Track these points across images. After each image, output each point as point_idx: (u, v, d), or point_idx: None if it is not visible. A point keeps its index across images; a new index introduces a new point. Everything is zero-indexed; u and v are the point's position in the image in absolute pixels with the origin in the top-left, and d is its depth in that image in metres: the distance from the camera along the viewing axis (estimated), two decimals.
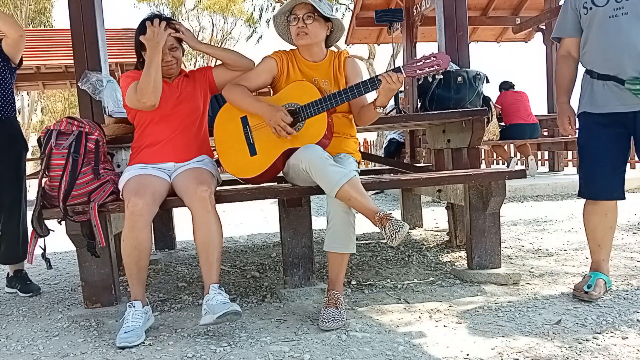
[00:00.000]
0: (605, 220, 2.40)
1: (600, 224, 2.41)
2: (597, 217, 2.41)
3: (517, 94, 7.27)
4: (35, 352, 2.06)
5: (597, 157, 2.36)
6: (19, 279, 2.97)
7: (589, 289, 2.30)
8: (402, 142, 7.46)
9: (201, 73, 2.57)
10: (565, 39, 2.45)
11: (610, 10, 2.24)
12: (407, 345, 1.93)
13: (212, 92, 2.59)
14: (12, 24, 2.81)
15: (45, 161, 2.38)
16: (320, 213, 5.51)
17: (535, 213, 4.96)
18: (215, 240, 2.19)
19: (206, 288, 2.16)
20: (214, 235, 2.19)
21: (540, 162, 9.69)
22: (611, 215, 2.40)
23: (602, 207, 2.39)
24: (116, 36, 10.32)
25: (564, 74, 2.48)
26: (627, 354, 1.78)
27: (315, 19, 2.39)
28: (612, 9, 2.23)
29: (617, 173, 2.34)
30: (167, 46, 2.38)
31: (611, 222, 2.41)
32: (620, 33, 2.21)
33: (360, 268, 3.07)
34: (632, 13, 2.20)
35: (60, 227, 2.41)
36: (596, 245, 2.44)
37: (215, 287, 2.14)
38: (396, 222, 2.02)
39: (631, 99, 2.24)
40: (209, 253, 2.19)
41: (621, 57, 2.22)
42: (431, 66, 2.21)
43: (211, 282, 2.16)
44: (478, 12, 9.15)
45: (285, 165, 2.38)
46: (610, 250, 2.47)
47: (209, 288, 2.14)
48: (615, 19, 2.23)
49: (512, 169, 6.43)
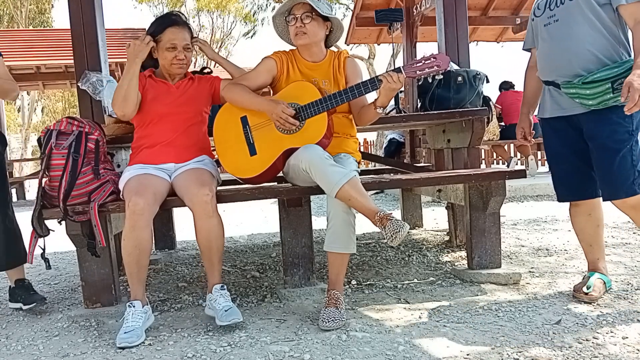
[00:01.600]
0: (590, 220, 2.40)
1: (586, 224, 2.42)
2: (582, 218, 2.42)
3: (517, 94, 7.28)
4: (35, 352, 2.06)
5: (555, 160, 2.43)
6: (22, 288, 2.62)
7: (588, 290, 2.30)
8: (402, 142, 7.46)
9: (208, 81, 2.58)
10: (532, 50, 2.52)
11: (545, 19, 2.32)
12: (407, 345, 1.93)
13: (215, 102, 2.60)
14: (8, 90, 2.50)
15: (45, 161, 2.38)
16: (320, 213, 5.51)
17: (535, 213, 4.96)
18: (218, 242, 2.25)
19: (210, 287, 2.27)
20: (216, 237, 2.24)
21: (540, 162, 9.70)
22: (595, 214, 2.39)
23: (583, 207, 2.39)
24: (116, 36, 10.33)
25: (528, 85, 2.57)
26: (627, 354, 1.78)
27: (314, 19, 2.39)
28: (547, 17, 2.31)
29: (583, 173, 2.33)
30: (182, 45, 2.43)
31: (597, 220, 2.41)
32: (553, 40, 2.28)
33: (360, 268, 3.07)
34: (561, 20, 2.25)
35: (60, 227, 2.41)
36: (588, 246, 2.45)
37: (217, 288, 2.24)
38: (396, 222, 2.02)
39: (569, 103, 2.27)
40: (212, 254, 2.26)
41: (555, 63, 2.28)
42: (431, 67, 2.21)
43: (214, 283, 2.26)
44: (478, 12, 9.14)
45: (285, 165, 2.38)
46: (603, 249, 2.47)
47: (212, 288, 2.26)
48: (548, 27, 2.30)
49: (512, 168, 6.43)
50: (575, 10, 2.21)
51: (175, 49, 2.41)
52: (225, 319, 2.11)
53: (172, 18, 2.47)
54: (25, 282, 2.65)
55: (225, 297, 2.22)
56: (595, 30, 2.18)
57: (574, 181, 2.37)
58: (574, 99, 2.22)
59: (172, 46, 2.41)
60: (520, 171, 2.73)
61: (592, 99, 2.15)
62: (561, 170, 2.41)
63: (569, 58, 2.22)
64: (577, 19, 2.20)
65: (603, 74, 2.12)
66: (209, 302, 2.25)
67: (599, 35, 2.18)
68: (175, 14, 2.52)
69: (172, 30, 2.41)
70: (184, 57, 2.44)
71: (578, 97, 2.20)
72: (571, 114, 2.28)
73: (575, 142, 2.32)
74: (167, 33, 2.41)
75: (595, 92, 2.13)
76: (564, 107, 2.30)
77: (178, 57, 2.42)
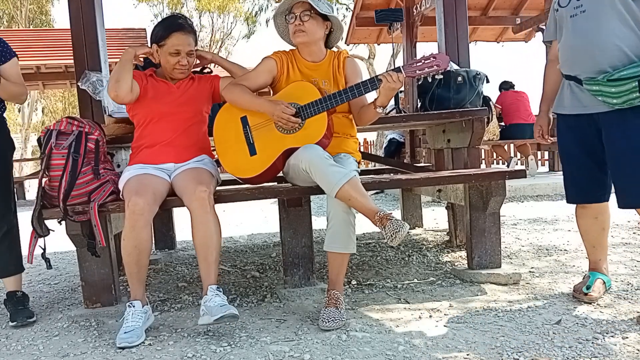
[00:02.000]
0: (596, 223, 2.36)
1: (592, 227, 2.37)
2: (588, 220, 2.37)
3: (517, 94, 7.28)
4: (35, 352, 2.06)
5: (567, 159, 2.35)
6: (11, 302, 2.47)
7: (588, 290, 2.29)
8: (402, 142, 7.46)
9: (208, 80, 2.59)
10: (553, 42, 2.40)
11: (571, 10, 2.19)
12: (407, 345, 1.93)
13: (215, 100, 2.60)
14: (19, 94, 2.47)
15: (45, 161, 2.38)
16: (320, 213, 5.51)
17: (535, 213, 4.96)
18: (214, 240, 2.19)
19: (205, 289, 2.15)
20: (212, 235, 2.19)
21: (540, 162, 9.71)
22: (602, 217, 2.35)
23: (590, 210, 2.34)
24: (116, 36, 10.34)
25: (548, 80, 2.46)
26: (627, 354, 1.78)
27: (312, 17, 2.39)
28: (573, 8, 2.18)
29: (594, 176, 2.26)
30: (186, 51, 2.43)
31: (602, 224, 2.36)
32: (579, 32, 2.15)
33: (360, 268, 3.07)
34: (589, 11, 2.12)
35: (60, 227, 2.41)
36: (591, 247, 2.43)
37: (213, 289, 2.13)
38: (396, 222, 2.02)
39: (591, 101, 2.15)
40: (208, 253, 2.18)
41: (579, 57, 2.16)
42: (430, 66, 2.21)
43: (209, 283, 2.15)
44: (478, 12, 9.15)
45: (285, 165, 2.38)
46: (606, 250, 2.46)
47: (207, 289, 2.14)
48: (575, 18, 2.17)
49: (512, 168, 6.43)
50: (605, 2, 2.08)
51: (179, 55, 2.41)
52: (221, 310, 2.01)
53: (179, 22, 2.44)
54: (18, 295, 2.50)
55: (221, 297, 2.10)
56: (626, 25, 2.05)
57: (584, 183, 2.29)
58: (596, 96, 2.11)
59: (176, 51, 2.41)
60: (520, 171, 2.73)
61: (617, 97, 2.04)
62: (572, 171, 2.33)
63: (594, 53, 2.09)
64: (606, 11, 2.07)
65: (630, 71, 1.99)
66: (204, 304, 2.08)
67: (629, 31, 2.05)
68: (182, 18, 2.49)
69: (177, 35, 2.40)
70: (186, 63, 2.44)
71: (601, 95, 2.08)
72: (592, 112, 2.17)
73: (590, 143, 2.23)
74: (173, 38, 2.40)
75: (620, 90, 2.02)
76: (585, 105, 2.18)
77: (181, 62, 2.42)
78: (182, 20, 2.47)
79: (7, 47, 2.47)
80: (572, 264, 2.98)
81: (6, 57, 2.44)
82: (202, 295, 2.15)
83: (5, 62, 2.43)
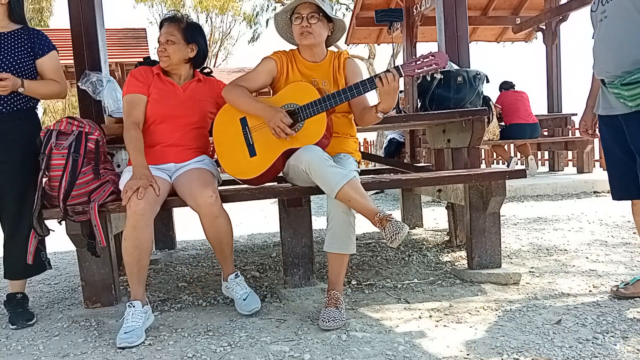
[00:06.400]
0: None
1: None
2: None
3: (517, 94, 7.27)
4: (35, 352, 2.06)
5: (608, 157, 2.40)
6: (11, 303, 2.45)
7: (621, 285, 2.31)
8: (402, 142, 7.46)
9: (213, 87, 2.61)
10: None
11: (599, 15, 2.27)
12: (407, 345, 1.93)
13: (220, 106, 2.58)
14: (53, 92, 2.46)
15: (45, 161, 2.38)
16: (320, 213, 5.52)
17: (535, 213, 4.96)
18: (227, 237, 2.35)
19: (224, 277, 2.44)
20: (225, 234, 2.33)
21: (540, 162, 9.69)
22: None
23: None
24: (116, 36, 10.35)
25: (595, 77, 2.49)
26: (627, 354, 1.78)
27: (319, 19, 2.39)
28: (600, 13, 2.26)
29: (634, 172, 2.28)
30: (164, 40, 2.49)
31: None
32: (602, 37, 2.24)
33: (360, 268, 3.07)
34: (610, 17, 2.21)
35: (60, 227, 2.41)
36: None
37: (232, 277, 2.41)
38: (396, 223, 2.02)
39: (616, 103, 2.24)
40: (223, 248, 2.38)
41: (602, 61, 2.24)
42: (429, 65, 2.21)
43: (228, 273, 2.43)
44: (478, 12, 9.16)
45: (285, 166, 2.38)
46: None
47: (227, 277, 2.43)
48: (601, 23, 2.26)
49: (512, 168, 6.43)
50: (622, 8, 2.15)
51: (161, 44, 2.49)
52: (246, 308, 2.31)
53: (165, 16, 2.58)
54: (18, 297, 2.47)
55: (241, 285, 2.40)
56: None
57: (625, 180, 2.33)
58: (618, 99, 2.20)
59: (159, 41, 2.51)
60: (520, 171, 2.73)
61: (632, 100, 2.12)
62: (613, 168, 2.38)
63: (612, 57, 2.18)
64: (622, 17, 2.15)
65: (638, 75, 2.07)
66: (224, 288, 2.47)
67: None
68: (170, 12, 2.61)
69: (163, 27, 2.53)
70: (164, 50, 2.48)
71: (622, 98, 2.17)
72: (617, 113, 2.25)
73: (625, 141, 2.27)
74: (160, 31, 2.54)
75: (633, 93, 2.09)
76: (613, 106, 2.27)
77: (160, 49, 2.50)
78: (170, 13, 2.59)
79: (46, 40, 2.45)
80: (572, 264, 2.98)
81: (43, 51, 2.42)
82: (222, 281, 2.49)
83: (43, 55, 2.42)
